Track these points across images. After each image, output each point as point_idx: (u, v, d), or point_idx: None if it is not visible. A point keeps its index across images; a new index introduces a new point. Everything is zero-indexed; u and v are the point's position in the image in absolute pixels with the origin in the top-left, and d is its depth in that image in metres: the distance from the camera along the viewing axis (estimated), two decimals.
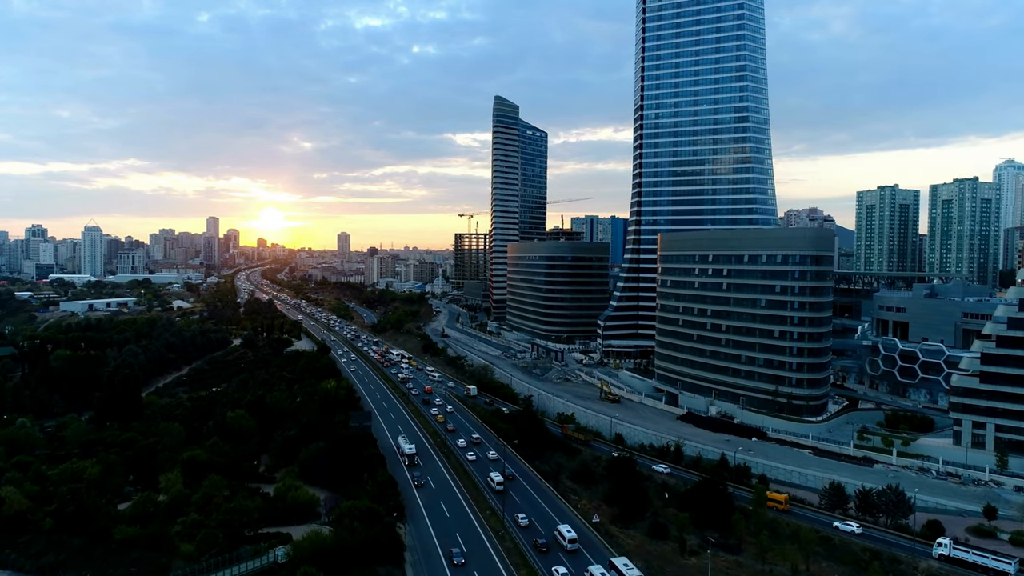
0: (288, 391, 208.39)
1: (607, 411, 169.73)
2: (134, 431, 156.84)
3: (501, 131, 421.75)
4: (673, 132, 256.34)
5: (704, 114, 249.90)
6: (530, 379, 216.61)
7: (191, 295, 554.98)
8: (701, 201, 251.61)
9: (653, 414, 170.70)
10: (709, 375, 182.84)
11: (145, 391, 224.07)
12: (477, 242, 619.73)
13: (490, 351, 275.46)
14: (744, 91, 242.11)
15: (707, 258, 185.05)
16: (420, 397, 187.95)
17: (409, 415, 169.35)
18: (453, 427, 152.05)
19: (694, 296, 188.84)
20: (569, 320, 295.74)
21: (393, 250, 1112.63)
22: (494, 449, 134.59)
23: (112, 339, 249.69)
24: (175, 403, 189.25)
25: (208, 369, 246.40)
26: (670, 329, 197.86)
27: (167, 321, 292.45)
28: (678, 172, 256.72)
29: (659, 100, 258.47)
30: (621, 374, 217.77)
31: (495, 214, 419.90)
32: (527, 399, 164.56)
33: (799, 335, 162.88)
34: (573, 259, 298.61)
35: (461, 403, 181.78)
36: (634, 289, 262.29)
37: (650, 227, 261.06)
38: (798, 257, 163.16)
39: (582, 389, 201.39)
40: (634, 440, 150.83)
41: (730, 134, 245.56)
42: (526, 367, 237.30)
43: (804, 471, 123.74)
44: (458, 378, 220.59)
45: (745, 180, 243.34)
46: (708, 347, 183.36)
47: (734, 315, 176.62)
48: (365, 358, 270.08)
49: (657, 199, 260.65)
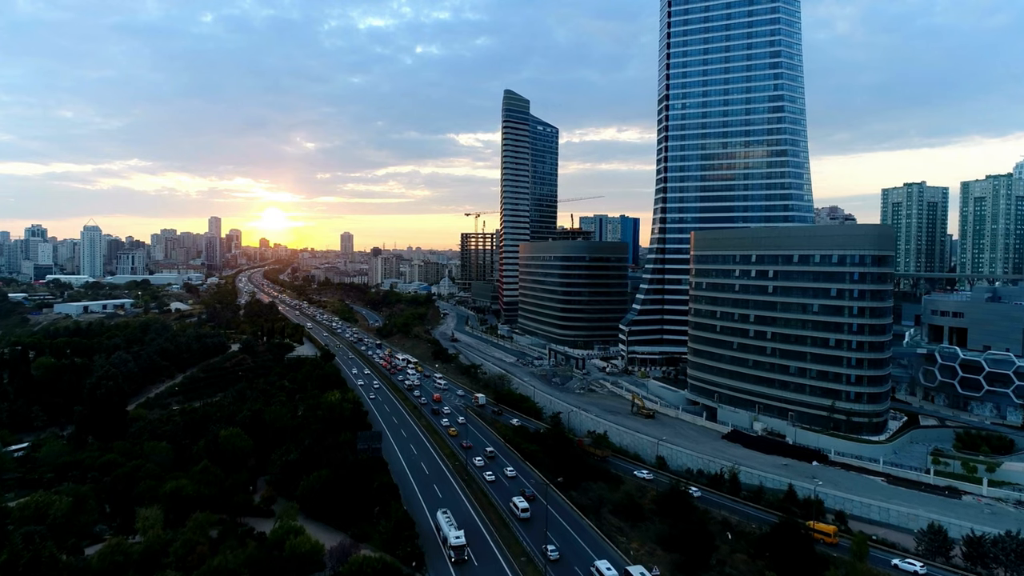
0: (289, 402, 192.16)
1: (643, 429, 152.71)
2: (116, 451, 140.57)
3: (511, 127, 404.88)
4: (701, 124, 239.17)
5: (735, 104, 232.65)
6: (551, 389, 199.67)
7: (190, 297, 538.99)
8: (732, 197, 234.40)
9: (693, 432, 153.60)
10: (752, 387, 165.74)
11: (135, 401, 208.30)
12: (484, 242, 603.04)
13: (504, 357, 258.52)
14: (779, 79, 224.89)
15: (750, 258, 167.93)
16: (429, 407, 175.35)
17: (422, 431, 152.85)
18: (470, 443, 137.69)
19: (734, 300, 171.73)
20: (587, 324, 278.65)
21: (396, 250, 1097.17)
22: (521, 474, 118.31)
23: (101, 345, 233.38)
24: (165, 417, 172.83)
25: (203, 377, 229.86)
26: (706, 336, 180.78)
27: (161, 325, 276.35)
28: (707, 167, 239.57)
29: (686, 90, 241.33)
30: (649, 384, 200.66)
31: (505, 213, 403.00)
32: (555, 416, 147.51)
33: (858, 344, 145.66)
34: (591, 259, 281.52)
35: (476, 415, 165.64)
36: (658, 292, 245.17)
37: (676, 225, 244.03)
38: (857, 257, 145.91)
39: (610, 401, 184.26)
40: (677, 463, 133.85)
41: (764, 125, 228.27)
42: (544, 376, 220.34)
43: (885, 505, 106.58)
44: (473, 388, 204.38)
45: (780, 175, 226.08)
46: (751, 356, 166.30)
47: (781, 321, 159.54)
48: (370, 364, 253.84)
49: (684, 195, 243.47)
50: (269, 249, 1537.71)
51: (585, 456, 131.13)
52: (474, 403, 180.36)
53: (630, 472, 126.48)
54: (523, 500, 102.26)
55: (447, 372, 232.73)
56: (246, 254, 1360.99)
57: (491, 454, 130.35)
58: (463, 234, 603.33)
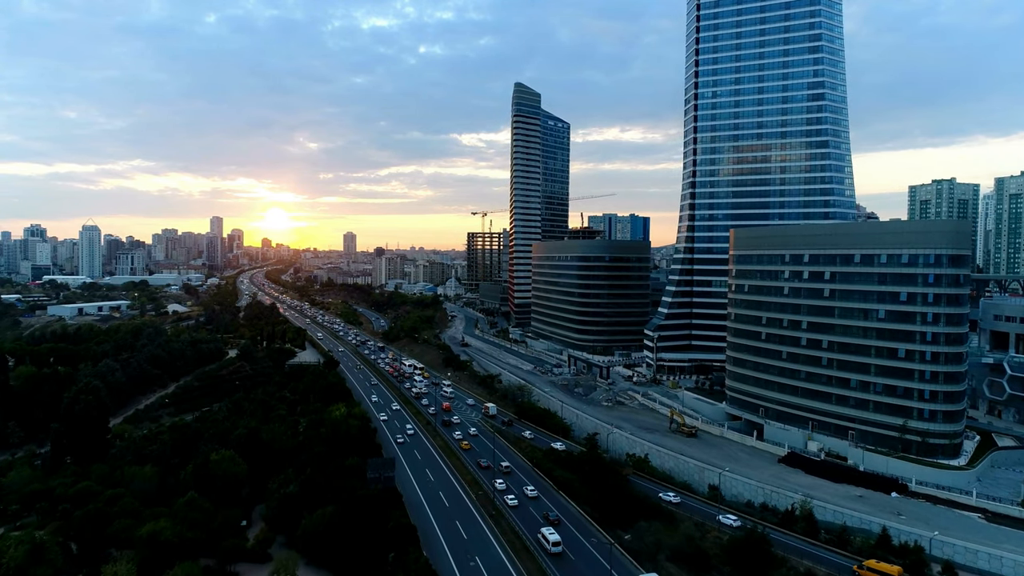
0: (289, 415, 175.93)
1: (687, 450, 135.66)
2: (93, 477, 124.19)
3: (522, 121, 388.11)
4: (734, 115, 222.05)
5: (771, 92, 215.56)
6: (575, 402, 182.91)
7: (189, 298, 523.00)
8: (767, 193, 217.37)
9: (744, 454, 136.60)
10: (805, 402, 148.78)
11: (122, 414, 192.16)
12: (491, 242, 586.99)
13: (520, 365, 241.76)
14: (819, 64, 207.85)
15: (801, 258, 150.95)
16: (439, 417, 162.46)
17: (437, 451, 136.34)
18: (488, 463, 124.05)
19: (782, 304, 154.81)
20: (606, 329, 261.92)
21: (399, 250, 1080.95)
22: (554, 504, 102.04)
23: (88, 352, 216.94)
24: (152, 434, 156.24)
25: (198, 386, 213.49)
26: (748, 344, 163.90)
27: (154, 330, 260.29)
28: (739, 161, 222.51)
29: (717, 77, 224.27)
30: (682, 395, 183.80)
31: (516, 211, 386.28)
32: (591, 438, 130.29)
33: (933, 355, 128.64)
34: (611, 259, 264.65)
35: (493, 430, 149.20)
36: (686, 294, 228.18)
37: (705, 223, 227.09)
38: (932, 257, 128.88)
39: (642, 416, 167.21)
40: (732, 493, 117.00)
41: (802, 115, 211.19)
42: (566, 385, 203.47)
43: (996, 552, 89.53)
44: (487, 398, 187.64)
45: (820, 168, 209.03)
46: (803, 367, 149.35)
47: (840, 329, 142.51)
48: (376, 371, 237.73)
49: (714, 191, 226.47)
50: (271, 249, 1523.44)
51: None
52: (484, 413, 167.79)
53: (645, 487, 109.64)
54: (554, 533, 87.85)
55: (459, 381, 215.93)
56: (248, 254, 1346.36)
57: (507, 469, 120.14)
58: (470, 233, 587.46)
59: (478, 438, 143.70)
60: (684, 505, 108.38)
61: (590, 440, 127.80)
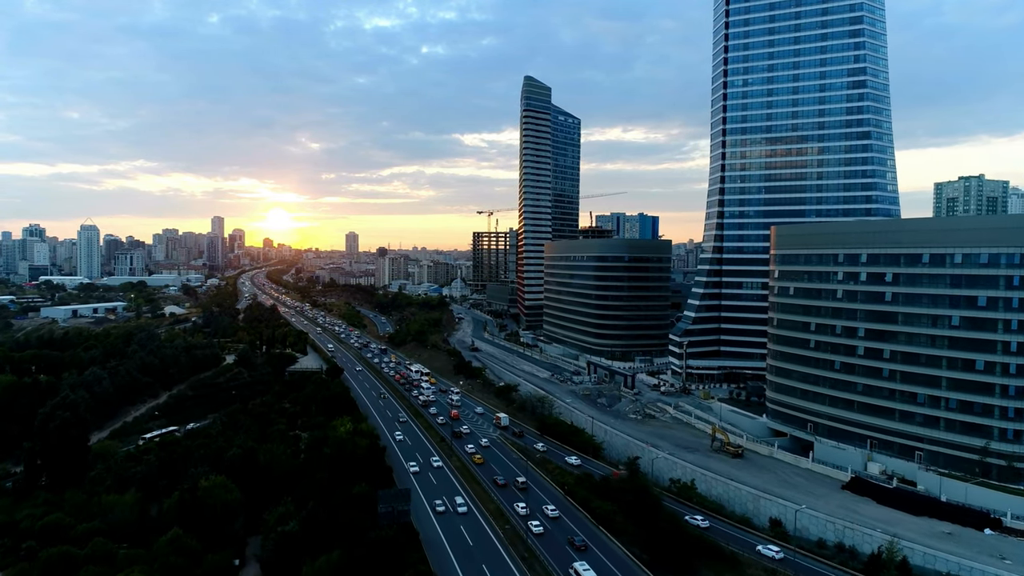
0: (289, 429, 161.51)
1: (736, 474, 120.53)
2: (67, 507, 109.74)
3: (532, 116, 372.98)
4: (767, 103, 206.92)
5: (808, 79, 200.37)
6: (602, 415, 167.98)
7: (188, 299, 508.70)
8: (803, 188, 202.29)
9: (800, 478, 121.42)
10: (862, 418, 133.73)
11: (109, 426, 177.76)
12: (497, 241, 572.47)
13: (536, 372, 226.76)
14: (861, 48, 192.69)
15: (858, 258, 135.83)
16: (449, 427, 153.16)
17: (454, 474, 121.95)
18: (505, 480, 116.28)
19: (835, 309, 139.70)
20: (625, 333, 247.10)
21: (402, 250, 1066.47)
22: (597, 548, 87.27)
23: (74, 359, 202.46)
24: (138, 452, 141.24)
25: (192, 396, 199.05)
26: (794, 352, 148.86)
27: (147, 334, 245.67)
28: (772, 153, 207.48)
29: (748, 64, 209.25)
30: (718, 408, 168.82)
31: (525, 209, 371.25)
32: (632, 462, 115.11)
33: (1018, 368, 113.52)
34: (630, 259, 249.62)
35: (511, 446, 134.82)
36: (715, 296, 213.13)
37: (735, 221, 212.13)
38: (1017, 256, 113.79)
39: (678, 432, 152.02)
40: (797, 526, 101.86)
41: (842, 104, 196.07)
42: (588, 396, 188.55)
43: None
44: (499, 407, 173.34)
45: (862, 160, 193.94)
46: (860, 379, 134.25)
47: (904, 337, 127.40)
48: (382, 377, 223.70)
49: (745, 186, 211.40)
50: (273, 249, 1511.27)
51: None
52: (496, 424, 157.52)
53: (742, 542, 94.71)
54: None
55: (472, 390, 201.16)
56: (249, 254, 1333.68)
57: (524, 485, 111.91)
58: (475, 233, 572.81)
59: (490, 449, 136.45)
60: (741, 541, 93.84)
61: (631, 465, 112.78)
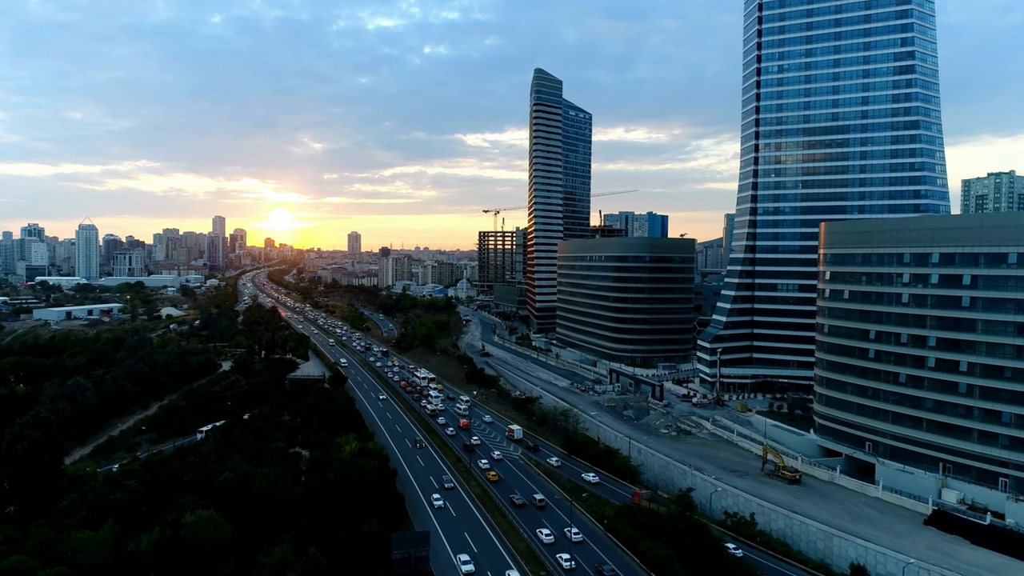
0: (288, 446, 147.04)
1: (798, 504, 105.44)
2: (31, 544, 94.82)
3: (543, 111, 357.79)
4: (804, 91, 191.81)
5: (850, 64, 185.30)
6: (629, 429, 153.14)
7: (186, 300, 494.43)
8: (845, 182, 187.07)
9: (870, 508, 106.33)
10: (934, 438, 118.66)
11: (93, 442, 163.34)
12: (503, 241, 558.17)
13: (553, 380, 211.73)
14: (908, 30, 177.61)
15: (927, 258, 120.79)
16: (459, 439, 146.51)
17: (474, 503, 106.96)
18: (522, 500, 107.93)
19: (900, 315, 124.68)
20: (647, 337, 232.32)
21: (404, 250, 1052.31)
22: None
23: (58, 367, 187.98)
24: (121, 474, 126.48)
25: (185, 406, 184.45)
26: (849, 363, 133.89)
27: (138, 339, 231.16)
28: (810, 145, 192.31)
29: (784, 49, 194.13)
30: (758, 421, 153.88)
31: (536, 207, 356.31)
32: (684, 496, 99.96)
33: None
34: (652, 259, 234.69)
35: (535, 467, 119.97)
36: (747, 299, 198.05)
37: (770, 218, 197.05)
38: None
39: (720, 452, 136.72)
40: (881, 573, 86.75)
41: (887, 91, 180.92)
42: (613, 407, 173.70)
43: None
44: (525, 423, 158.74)
45: (909, 152, 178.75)
46: (930, 394, 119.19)
47: (984, 347, 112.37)
48: (388, 385, 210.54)
49: (780, 180, 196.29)
50: (274, 249, 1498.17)
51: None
52: (508, 436, 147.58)
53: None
54: None
55: (486, 401, 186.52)
56: (250, 254, 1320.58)
57: (542, 503, 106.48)
58: (481, 232, 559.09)
59: (503, 463, 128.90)
60: None
61: (684, 500, 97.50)
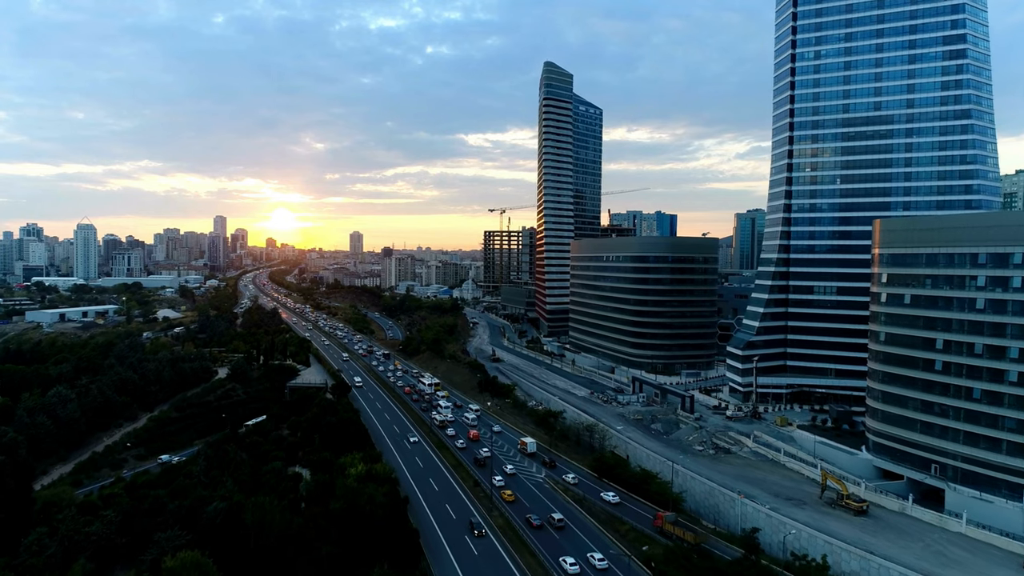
0: (288, 464, 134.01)
1: (873, 543, 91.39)
2: None
3: (553, 105, 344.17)
4: (843, 79, 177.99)
5: (894, 49, 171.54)
6: (659, 445, 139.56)
7: (184, 302, 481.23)
8: (888, 176, 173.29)
9: (957, 548, 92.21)
10: (1015, 461, 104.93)
11: (75, 458, 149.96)
12: (510, 241, 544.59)
13: (571, 388, 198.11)
14: (958, 12, 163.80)
15: (1008, 259, 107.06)
16: (470, 452, 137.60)
17: (499, 540, 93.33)
18: (539, 521, 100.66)
19: (974, 324, 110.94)
20: (668, 342, 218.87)
21: (407, 250, 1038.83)
22: None
23: (40, 375, 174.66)
24: (99, 501, 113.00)
25: (177, 418, 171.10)
26: (912, 375, 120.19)
27: (128, 344, 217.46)
28: (849, 137, 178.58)
29: (821, 33, 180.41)
30: (803, 438, 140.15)
31: (546, 206, 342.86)
32: (751, 536, 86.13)
33: None
34: (674, 260, 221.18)
35: (553, 486, 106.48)
36: (780, 303, 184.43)
37: (805, 216, 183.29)
38: None
39: (768, 474, 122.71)
40: None
41: (936, 77, 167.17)
42: (640, 420, 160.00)
43: None
44: (545, 438, 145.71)
45: (960, 144, 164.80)
46: (1012, 413, 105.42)
47: None
48: (393, 393, 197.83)
49: (818, 174, 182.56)
50: (276, 249, 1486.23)
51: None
52: (521, 449, 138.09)
53: None
54: None
55: (501, 412, 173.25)
56: (252, 254, 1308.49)
57: (561, 523, 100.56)
58: (486, 232, 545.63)
59: (516, 478, 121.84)
60: None
61: (749, 541, 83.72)
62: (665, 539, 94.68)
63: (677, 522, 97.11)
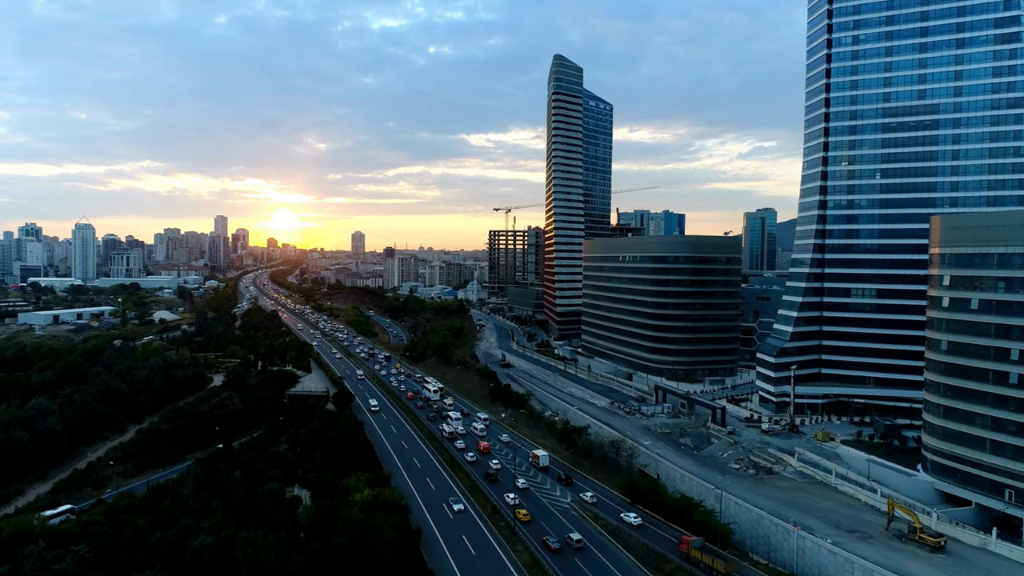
0: (285, 484, 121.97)
1: None
2: None
3: (562, 100, 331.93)
4: (884, 65, 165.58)
5: (939, 33, 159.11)
6: (693, 464, 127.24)
7: (183, 303, 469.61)
8: (933, 170, 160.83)
9: None
10: None
11: (54, 476, 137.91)
12: (515, 241, 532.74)
13: (589, 397, 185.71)
14: None
15: None
16: (481, 466, 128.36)
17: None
18: (557, 544, 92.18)
19: None
20: (689, 347, 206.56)
21: (409, 250, 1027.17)
22: None
23: (21, 384, 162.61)
24: (76, 528, 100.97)
25: (167, 430, 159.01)
26: (980, 389, 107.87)
27: (117, 350, 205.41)
28: (890, 128, 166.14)
29: (860, 16, 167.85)
30: (851, 456, 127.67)
31: (555, 204, 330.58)
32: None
33: None
34: (696, 260, 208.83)
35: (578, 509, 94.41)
36: (814, 307, 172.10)
37: (843, 212, 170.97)
38: None
39: (820, 499, 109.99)
40: None
41: (987, 62, 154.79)
42: (667, 434, 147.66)
43: None
44: (569, 457, 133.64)
45: (1014, 135, 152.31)
46: None
47: None
48: (398, 402, 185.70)
49: (856, 169, 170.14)
50: (277, 249, 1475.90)
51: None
52: (533, 463, 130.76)
53: None
54: None
55: (516, 424, 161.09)
56: (253, 254, 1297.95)
57: (579, 544, 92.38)
58: (491, 232, 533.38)
59: (528, 492, 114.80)
60: None
61: None
62: (691, 566, 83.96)
63: (705, 548, 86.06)
